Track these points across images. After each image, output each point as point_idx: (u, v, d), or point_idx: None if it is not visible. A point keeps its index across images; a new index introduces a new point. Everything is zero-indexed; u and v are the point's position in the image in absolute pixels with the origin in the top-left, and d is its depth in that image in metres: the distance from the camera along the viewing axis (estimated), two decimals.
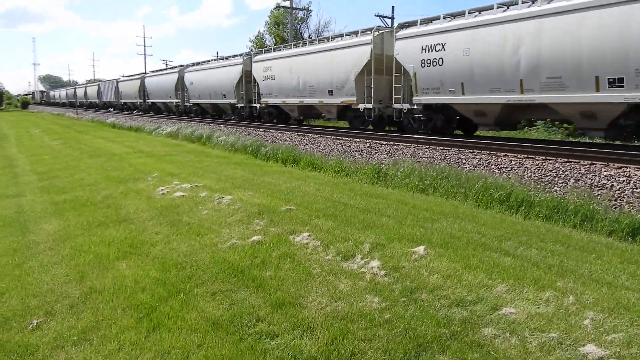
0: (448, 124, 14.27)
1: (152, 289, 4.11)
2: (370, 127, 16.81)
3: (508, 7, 11.57)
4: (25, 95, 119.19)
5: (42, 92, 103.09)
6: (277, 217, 6.02)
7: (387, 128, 16.92)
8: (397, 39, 14.14)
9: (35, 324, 3.69)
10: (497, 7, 11.71)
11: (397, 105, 14.72)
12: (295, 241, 5.19)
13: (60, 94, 76.49)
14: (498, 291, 3.83)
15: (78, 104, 59.36)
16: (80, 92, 62.89)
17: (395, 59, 14.21)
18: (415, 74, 13.50)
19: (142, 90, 37.97)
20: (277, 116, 21.82)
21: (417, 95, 13.71)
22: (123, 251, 5.12)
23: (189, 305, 3.80)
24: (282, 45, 22.58)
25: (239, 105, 23.79)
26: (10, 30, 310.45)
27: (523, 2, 11.09)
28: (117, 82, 45.23)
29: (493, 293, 3.80)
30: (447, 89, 12.80)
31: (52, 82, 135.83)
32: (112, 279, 4.41)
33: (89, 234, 5.83)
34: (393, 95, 14.77)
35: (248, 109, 23.37)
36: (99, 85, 53.24)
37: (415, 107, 14.05)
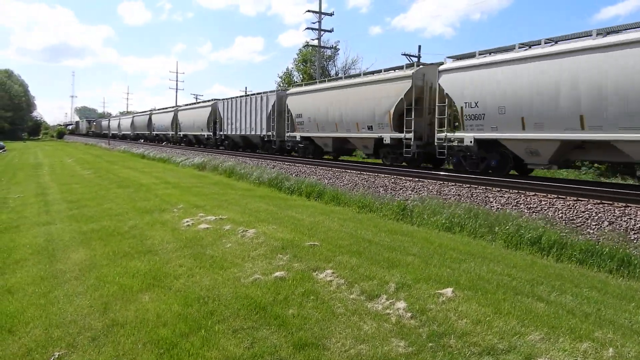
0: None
1: (174, 324, 4.06)
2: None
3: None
4: (65, 125, 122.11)
5: (89, 120, 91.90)
6: (301, 253, 5.95)
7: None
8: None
9: (56, 356, 3.67)
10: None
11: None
12: (319, 278, 5.09)
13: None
14: (531, 339, 3.63)
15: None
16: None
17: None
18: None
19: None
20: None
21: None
22: (146, 283, 5.12)
23: (210, 343, 3.73)
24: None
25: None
26: (52, 65, 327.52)
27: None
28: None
29: (526, 341, 3.60)
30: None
31: (87, 113, 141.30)
32: (135, 311, 4.39)
33: (114, 265, 5.87)
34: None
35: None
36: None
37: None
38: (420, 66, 15.56)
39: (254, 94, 26.09)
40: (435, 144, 14.33)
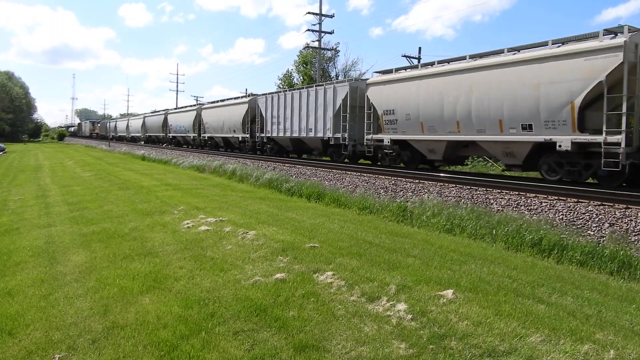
0: None
1: (174, 326, 4.05)
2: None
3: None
4: (66, 127, 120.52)
5: (93, 122, 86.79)
6: (301, 255, 5.95)
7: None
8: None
9: (57, 358, 3.67)
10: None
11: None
12: (319, 280, 5.09)
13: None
14: (532, 341, 3.63)
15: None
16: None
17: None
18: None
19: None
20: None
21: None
22: (147, 285, 5.11)
23: (210, 345, 3.73)
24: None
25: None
26: (53, 67, 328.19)
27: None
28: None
29: (527, 343, 3.60)
30: None
31: (88, 115, 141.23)
32: (135, 313, 4.39)
33: (115, 267, 5.87)
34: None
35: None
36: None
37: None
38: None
39: (314, 86, 21.24)
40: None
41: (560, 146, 10.80)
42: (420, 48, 34.67)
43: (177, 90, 70.57)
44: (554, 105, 10.87)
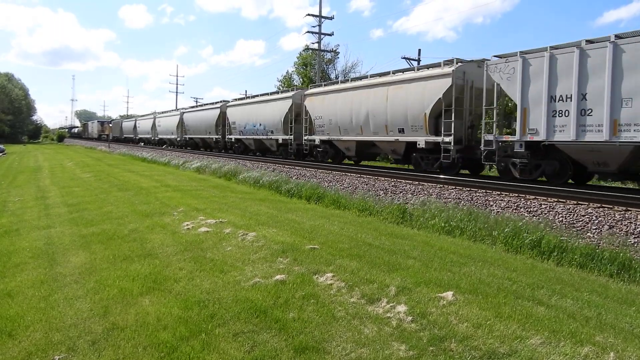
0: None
1: (174, 328, 4.05)
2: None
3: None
4: (68, 128, 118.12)
5: (101, 122, 76.71)
6: (301, 256, 5.95)
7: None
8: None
9: (56, 359, 3.66)
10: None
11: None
12: (319, 282, 5.09)
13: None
14: (533, 344, 3.63)
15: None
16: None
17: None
18: None
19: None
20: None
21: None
22: (147, 286, 5.11)
23: (210, 346, 3.73)
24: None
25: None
26: (53, 68, 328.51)
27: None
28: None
29: (527, 345, 3.60)
30: None
31: (88, 117, 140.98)
32: (135, 315, 4.38)
33: (114, 268, 5.87)
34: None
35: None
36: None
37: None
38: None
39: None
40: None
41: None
42: (419, 50, 34.76)
43: (177, 92, 70.69)
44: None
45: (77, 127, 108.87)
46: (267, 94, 26.28)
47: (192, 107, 36.78)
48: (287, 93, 23.90)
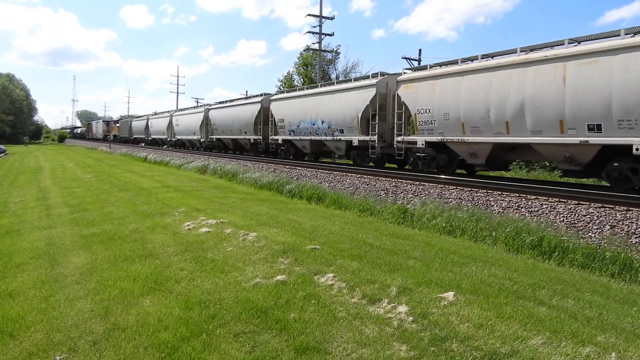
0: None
1: (175, 328, 4.05)
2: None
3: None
4: (70, 128, 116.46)
5: (107, 122, 70.52)
6: (302, 257, 5.95)
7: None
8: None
9: None
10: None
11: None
12: (320, 282, 5.09)
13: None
14: (534, 344, 3.62)
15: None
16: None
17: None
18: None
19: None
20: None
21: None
22: (148, 287, 5.11)
23: (211, 347, 3.72)
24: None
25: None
26: (54, 69, 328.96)
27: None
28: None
29: (529, 346, 3.60)
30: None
31: (88, 117, 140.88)
32: (136, 315, 4.38)
33: (115, 269, 5.87)
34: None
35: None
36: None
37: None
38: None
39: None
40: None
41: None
42: (420, 50, 34.74)
43: (177, 92, 70.71)
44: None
45: (80, 127, 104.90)
46: (332, 82, 22.96)
47: (221, 102, 30.90)
48: (369, 80, 17.75)
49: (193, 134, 35.32)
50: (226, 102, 30.40)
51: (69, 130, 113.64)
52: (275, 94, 25.09)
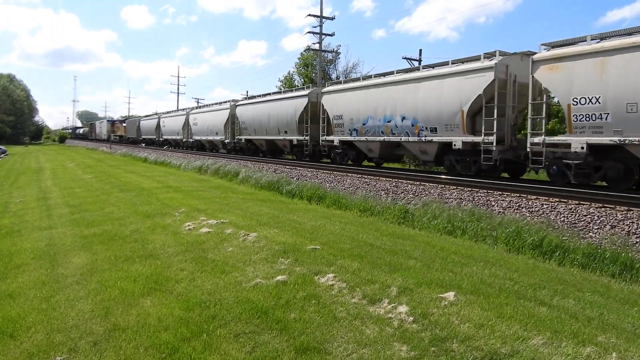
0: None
1: (175, 328, 4.05)
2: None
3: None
4: (72, 129, 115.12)
5: (112, 122, 65.96)
6: (302, 257, 5.95)
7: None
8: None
9: None
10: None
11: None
12: (321, 282, 5.08)
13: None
14: (534, 344, 3.62)
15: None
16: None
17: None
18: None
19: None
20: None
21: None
22: (148, 287, 5.11)
23: (212, 347, 3.72)
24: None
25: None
26: (55, 69, 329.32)
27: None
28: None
29: (529, 346, 3.59)
30: None
31: (89, 118, 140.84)
32: (136, 316, 4.38)
33: (116, 269, 5.87)
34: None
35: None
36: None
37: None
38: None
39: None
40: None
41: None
42: (420, 50, 34.73)
43: (178, 92, 70.71)
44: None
45: (82, 127, 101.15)
46: (425, 67, 16.08)
47: (251, 97, 28.41)
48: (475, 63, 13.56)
49: (215, 134, 30.78)
50: (258, 96, 27.08)
51: (70, 130, 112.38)
52: (329, 85, 20.98)
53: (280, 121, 22.75)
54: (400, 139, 15.82)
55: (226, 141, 29.46)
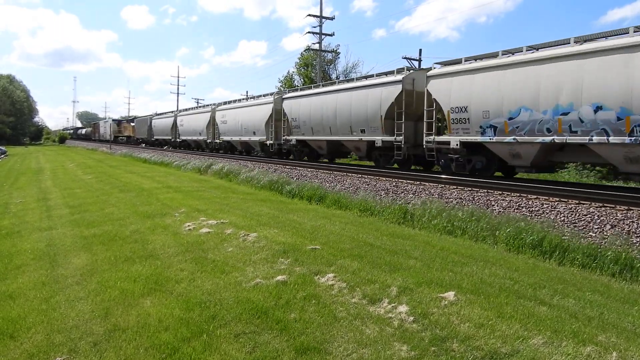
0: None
1: (176, 329, 4.05)
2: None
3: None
4: (74, 129, 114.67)
5: (119, 121, 63.02)
6: (302, 257, 5.95)
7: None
8: None
9: None
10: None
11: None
12: (321, 282, 5.08)
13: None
14: (535, 343, 3.62)
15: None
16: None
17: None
18: None
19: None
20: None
21: None
22: (148, 288, 5.11)
23: (212, 347, 3.72)
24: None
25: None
26: (55, 70, 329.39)
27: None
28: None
29: (529, 345, 3.59)
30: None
31: (89, 118, 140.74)
32: (136, 316, 4.38)
33: (116, 269, 5.87)
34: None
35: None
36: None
37: None
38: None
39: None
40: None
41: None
42: (420, 50, 34.74)
43: (177, 93, 70.74)
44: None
45: (85, 127, 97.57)
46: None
47: (303, 87, 23.85)
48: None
49: (252, 134, 25.35)
50: (315, 86, 21.70)
51: (72, 131, 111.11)
52: (444, 66, 14.38)
53: (356, 116, 17.79)
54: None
55: (268, 142, 24.21)
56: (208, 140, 32.66)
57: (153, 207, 10.49)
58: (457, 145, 13.50)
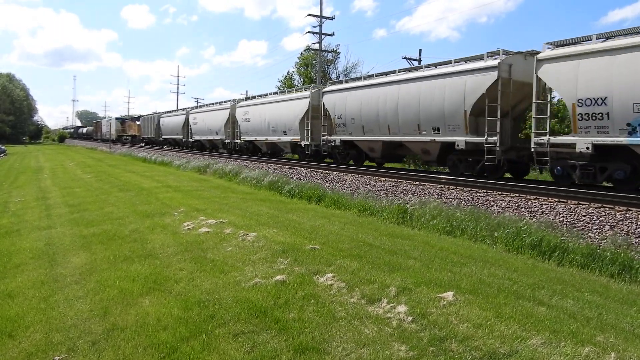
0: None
1: (174, 328, 4.05)
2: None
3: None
4: (75, 128, 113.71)
5: (122, 120, 60.24)
6: (302, 257, 5.95)
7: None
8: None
9: None
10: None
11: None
12: (320, 282, 5.08)
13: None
14: (533, 344, 3.62)
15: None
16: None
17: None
18: None
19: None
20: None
21: None
22: (147, 287, 5.11)
23: (210, 347, 3.72)
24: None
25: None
26: (55, 69, 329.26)
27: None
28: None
29: (528, 346, 3.59)
30: None
31: (89, 117, 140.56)
32: (135, 315, 4.38)
33: (115, 269, 5.87)
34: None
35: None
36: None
37: None
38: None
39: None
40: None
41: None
42: (420, 50, 34.73)
43: (177, 92, 70.70)
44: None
45: (86, 126, 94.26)
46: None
47: (350, 79, 19.93)
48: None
49: (283, 134, 22.39)
50: (365, 77, 18.02)
51: (72, 130, 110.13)
52: (558, 47, 11.39)
53: (427, 112, 14.47)
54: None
55: (303, 143, 20.90)
56: (226, 141, 29.04)
57: (152, 206, 10.49)
58: (586, 148, 10.34)
